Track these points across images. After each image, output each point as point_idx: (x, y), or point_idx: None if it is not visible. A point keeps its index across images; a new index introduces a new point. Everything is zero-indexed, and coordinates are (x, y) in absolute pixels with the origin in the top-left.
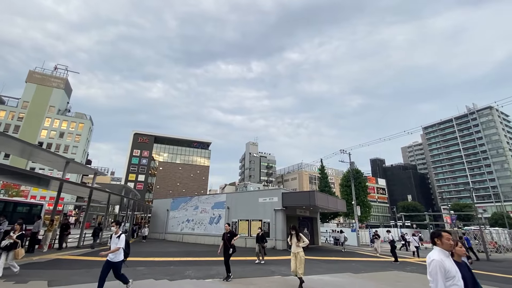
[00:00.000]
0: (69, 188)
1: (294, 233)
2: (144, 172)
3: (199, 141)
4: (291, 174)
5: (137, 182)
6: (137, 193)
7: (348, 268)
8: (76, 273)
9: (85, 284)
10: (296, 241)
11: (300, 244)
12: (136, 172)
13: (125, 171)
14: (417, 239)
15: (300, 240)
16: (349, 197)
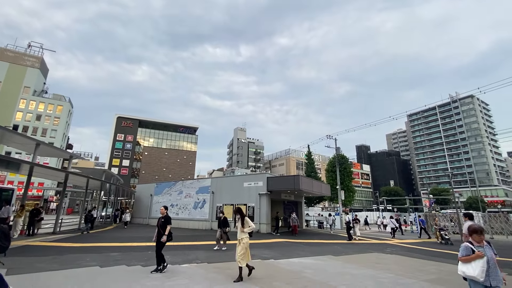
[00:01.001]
0: (41, 172)
1: (239, 217)
2: (128, 157)
3: (186, 125)
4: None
5: (121, 167)
6: (119, 179)
7: (330, 251)
8: (43, 260)
9: (47, 272)
10: (241, 226)
11: (245, 229)
12: (120, 157)
13: (109, 156)
14: (394, 221)
15: (245, 224)
16: (334, 182)
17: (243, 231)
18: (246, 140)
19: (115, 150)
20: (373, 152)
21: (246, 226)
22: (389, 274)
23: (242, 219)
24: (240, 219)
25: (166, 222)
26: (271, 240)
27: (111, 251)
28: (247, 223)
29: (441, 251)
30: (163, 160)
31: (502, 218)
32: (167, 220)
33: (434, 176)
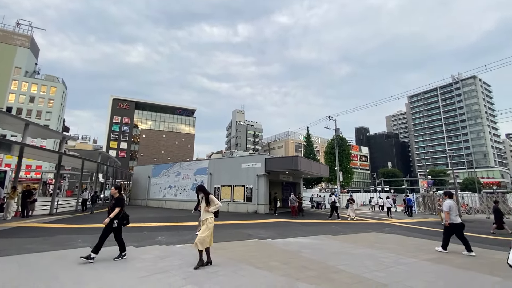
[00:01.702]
0: (34, 154)
1: (203, 195)
2: (126, 139)
3: (183, 107)
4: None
5: (119, 149)
6: (116, 161)
7: (328, 231)
8: (33, 241)
9: (36, 253)
10: (205, 205)
11: (210, 208)
12: (118, 140)
13: (106, 139)
14: (390, 201)
15: (211, 203)
16: (333, 164)
17: (207, 211)
18: (245, 122)
19: (112, 132)
20: (372, 134)
21: (212, 205)
22: (389, 253)
23: (207, 197)
24: (204, 197)
25: (117, 204)
26: (268, 220)
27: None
28: (212, 202)
29: (440, 231)
30: (161, 143)
31: (500, 199)
32: (119, 202)
33: (432, 157)
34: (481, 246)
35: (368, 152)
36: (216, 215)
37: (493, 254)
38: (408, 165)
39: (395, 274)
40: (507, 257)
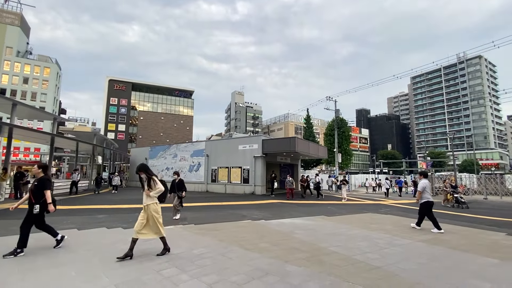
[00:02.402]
0: (23, 135)
1: (144, 176)
2: (124, 121)
3: (181, 89)
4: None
5: (117, 132)
6: (113, 143)
7: (323, 211)
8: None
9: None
10: (146, 188)
11: (151, 193)
12: (116, 122)
13: (103, 121)
14: (388, 183)
15: (153, 186)
16: (332, 146)
17: (149, 195)
18: (244, 104)
19: (109, 114)
20: (373, 116)
21: (154, 189)
22: (384, 234)
23: (149, 179)
24: (147, 179)
25: (42, 186)
26: (264, 201)
27: (98, 213)
28: (155, 185)
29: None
30: (160, 125)
31: (498, 180)
32: (43, 184)
33: (432, 139)
34: (478, 227)
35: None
36: (161, 199)
37: (490, 235)
38: (408, 147)
39: (388, 256)
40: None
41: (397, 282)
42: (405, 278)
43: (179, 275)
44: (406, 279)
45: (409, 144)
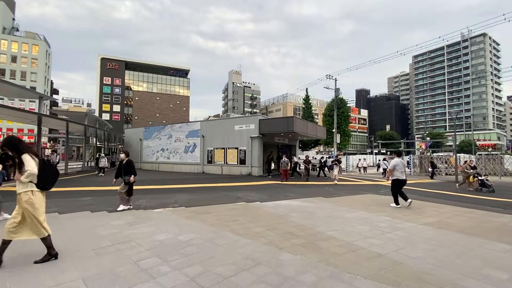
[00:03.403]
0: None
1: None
2: (119, 102)
3: (176, 68)
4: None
5: (112, 112)
6: (107, 123)
7: (321, 193)
8: None
9: None
10: (18, 171)
11: (21, 177)
12: (110, 102)
13: (97, 101)
14: (387, 163)
15: (23, 168)
16: (331, 126)
17: (21, 181)
18: (242, 84)
19: (103, 95)
20: (373, 97)
21: (23, 172)
22: (385, 217)
23: (19, 158)
24: (18, 159)
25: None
26: (261, 182)
27: (85, 195)
28: (26, 164)
29: (438, 192)
30: (155, 105)
31: (498, 160)
32: None
33: (431, 120)
34: (483, 208)
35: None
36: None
37: (497, 217)
38: (406, 128)
39: (391, 241)
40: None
41: (403, 272)
42: (411, 267)
43: (159, 266)
44: (413, 268)
45: (408, 125)
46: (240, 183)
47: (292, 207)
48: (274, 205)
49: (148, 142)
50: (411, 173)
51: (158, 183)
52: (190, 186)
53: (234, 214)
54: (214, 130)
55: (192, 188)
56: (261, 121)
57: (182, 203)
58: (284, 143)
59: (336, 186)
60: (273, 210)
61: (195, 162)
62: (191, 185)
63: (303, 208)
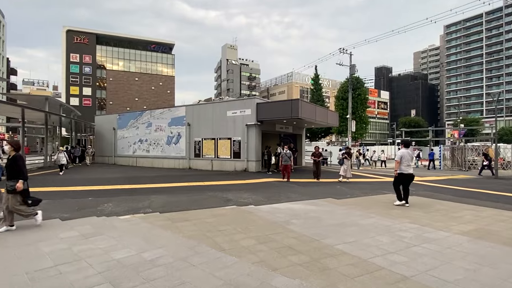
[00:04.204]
0: None
1: None
2: (89, 84)
3: (158, 42)
4: (279, 87)
5: (82, 97)
6: (74, 110)
7: (331, 193)
8: None
9: None
10: None
11: None
12: (79, 84)
13: (64, 83)
14: None
15: None
16: (345, 112)
17: None
18: (238, 61)
19: (71, 75)
20: (395, 75)
21: None
22: (411, 224)
23: None
24: None
25: None
26: (258, 180)
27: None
28: None
29: (477, 191)
30: (134, 88)
31: None
32: None
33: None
34: None
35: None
36: None
37: None
38: (435, 113)
39: (419, 258)
40: None
41: None
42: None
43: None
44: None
45: (437, 109)
46: (233, 181)
47: (294, 212)
48: (272, 209)
49: (123, 131)
50: (440, 167)
51: (132, 182)
52: (171, 186)
53: (220, 221)
54: (203, 117)
55: (173, 188)
56: (259, 105)
57: (157, 207)
58: (288, 132)
59: (350, 185)
60: (270, 215)
61: (179, 156)
62: (172, 184)
63: (307, 213)
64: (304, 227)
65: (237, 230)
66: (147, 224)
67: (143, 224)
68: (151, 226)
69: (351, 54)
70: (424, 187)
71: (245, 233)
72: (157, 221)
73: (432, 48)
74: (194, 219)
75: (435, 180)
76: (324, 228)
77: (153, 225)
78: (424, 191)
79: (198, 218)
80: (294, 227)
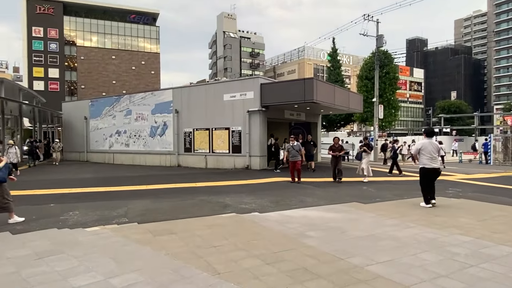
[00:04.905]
0: None
1: None
2: (56, 63)
3: (139, 11)
4: (288, 65)
5: (48, 80)
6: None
7: (355, 195)
8: None
9: None
10: None
11: None
12: (44, 65)
13: (25, 63)
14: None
15: None
16: (369, 95)
17: None
18: (237, 34)
19: (33, 53)
20: (432, 50)
21: None
22: (463, 237)
23: None
24: None
25: None
26: (263, 179)
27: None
28: None
29: None
30: (110, 68)
31: None
32: None
33: None
34: None
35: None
36: None
37: None
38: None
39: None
40: None
41: None
42: None
43: None
44: None
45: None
46: (232, 182)
47: (310, 221)
48: (282, 217)
49: (97, 121)
50: (490, 161)
51: (106, 184)
52: (155, 188)
53: (214, 234)
54: (194, 102)
55: (157, 190)
56: (263, 86)
57: (135, 215)
58: (300, 120)
59: (378, 185)
60: (280, 226)
61: (166, 151)
62: (156, 185)
63: (327, 222)
64: (323, 241)
65: (236, 246)
66: (120, 238)
67: (115, 238)
68: (125, 240)
69: (377, 21)
70: (473, 187)
71: (247, 250)
72: (133, 234)
73: (478, 15)
74: (181, 231)
75: (485, 178)
76: (349, 243)
77: (128, 240)
78: (473, 193)
79: (187, 230)
80: (311, 241)
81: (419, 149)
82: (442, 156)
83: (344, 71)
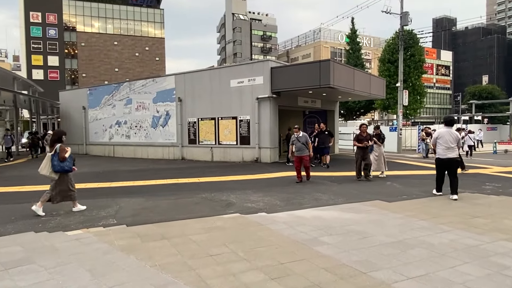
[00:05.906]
0: None
1: None
2: (56, 51)
3: None
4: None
5: (48, 68)
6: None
7: (378, 192)
8: None
9: None
10: None
11: None
12: (43, 52)
13: (24, 51)
14: (472, 137)
15: None
16: (392, 80)
17: None
18: (247, 15)
19: (32, 40)
20: (461, 30)
21: None
22: (509, 243)
23: None
24: None
25: None
26: (274, 174)
27: None
28: None
29: None
30: (113, 55)
31: None
32: None
33: None
34: None
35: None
36: None
37: None
38: None
39: None
40: None
41: None
42: None
43: None
44: None
45: None
46: (239, 177)
47: (325, 223)
48: (292, 218)
49: (96, 111)
50: None
51: (102, 179)
52: (153, 184)
53: (213, 239)
54: (198, 89)
55: (155, 186)
56: (274, 70)
57: (126, 216)
58: (315, 108)
59: (403, 179)
60: (289, 229)
61: (169, 143)
62: (155, 181)
63: (345, 225)
64: (341, 249)
65: (237, 256)
66: (103, 244)
67: (98, 244)
68: (108, 247)
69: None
70: None
71: (249, 260)
72: (119, 239)
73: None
74: (175, 235)
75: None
76: (372, 251)
77: (111, 247)
78: None
79: (182, 235)
80: (326, 249)
81: (435, 138)
82: (471, 146)
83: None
